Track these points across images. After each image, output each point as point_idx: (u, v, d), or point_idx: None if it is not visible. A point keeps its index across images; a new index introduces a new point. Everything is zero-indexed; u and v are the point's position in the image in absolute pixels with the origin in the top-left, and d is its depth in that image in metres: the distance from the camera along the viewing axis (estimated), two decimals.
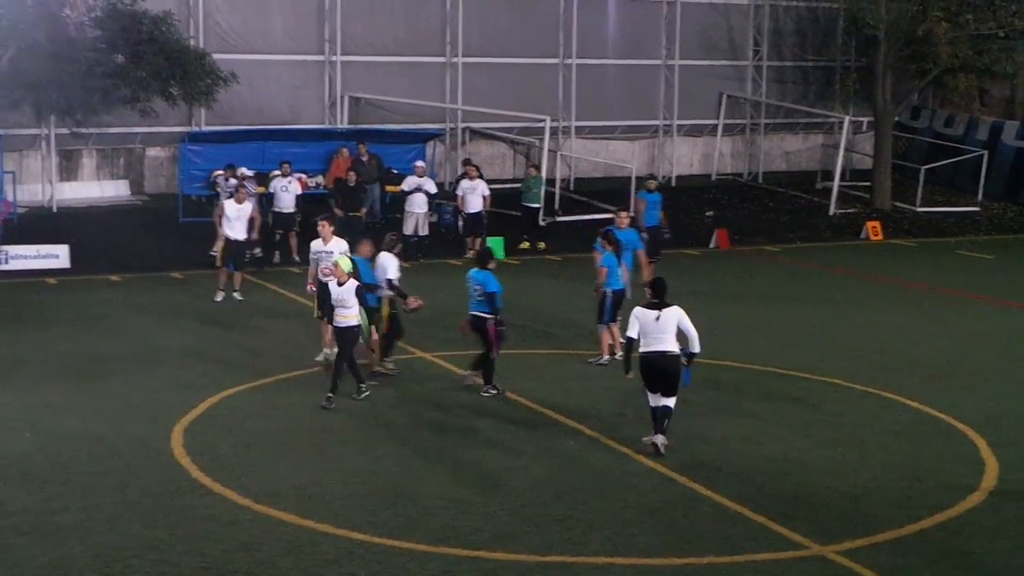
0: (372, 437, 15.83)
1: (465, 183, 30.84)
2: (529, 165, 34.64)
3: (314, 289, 19.52)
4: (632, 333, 15.15)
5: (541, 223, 32.89)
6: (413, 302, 19.00)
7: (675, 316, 15.05)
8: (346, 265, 17.42)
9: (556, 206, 35.36)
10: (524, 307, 23.08)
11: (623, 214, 22.19)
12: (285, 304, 24.32)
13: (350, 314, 17.24)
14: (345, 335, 17.36)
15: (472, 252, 30.04)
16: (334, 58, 36.01)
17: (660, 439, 15.10)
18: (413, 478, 14.28)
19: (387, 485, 14.02)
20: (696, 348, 15.14)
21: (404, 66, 37.11)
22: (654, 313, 15.05)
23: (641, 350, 15.15)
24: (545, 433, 16.21)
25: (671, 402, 15.19)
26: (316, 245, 19.98)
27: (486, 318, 18.05)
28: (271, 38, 35.48)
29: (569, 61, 39.05)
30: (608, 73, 39.99)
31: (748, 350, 20.95)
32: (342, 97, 36.10)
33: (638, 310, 15.23)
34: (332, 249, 19.40)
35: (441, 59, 37.48)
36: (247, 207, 24.76)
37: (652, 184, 28.72)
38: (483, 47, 37.90)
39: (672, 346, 15.08)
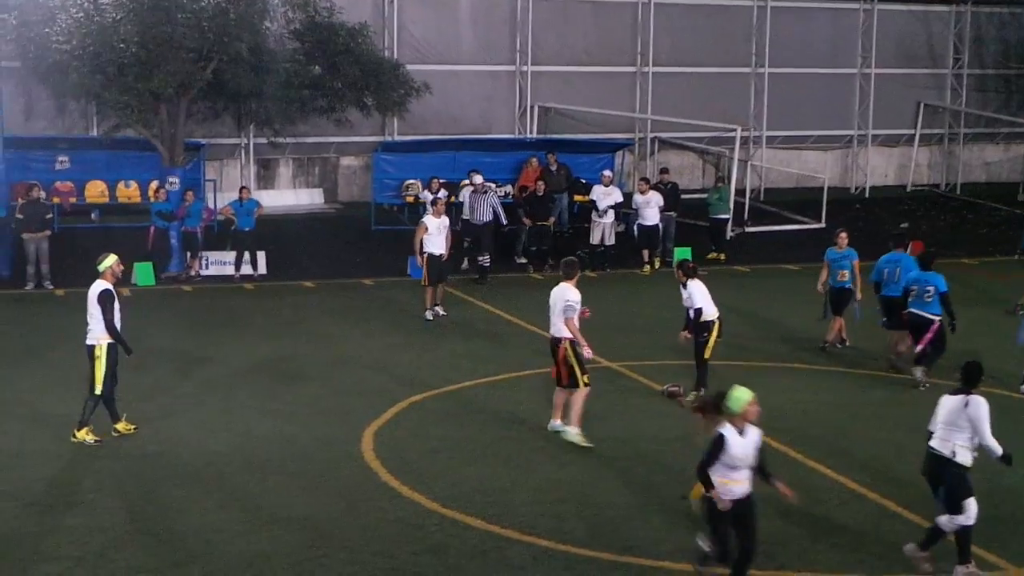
0: (559, 445, 15.83)
1: (638, 197, 30.47)
2: (717, 176, 34.34)
3: (590, 352, 16.15)
4: (931, 425, 12.33)
5: (730, 234, 32.54)
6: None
7: (967, 410, 12.03)
8: (743, 399, 11.02)
9: (745, 217, 34.96)
10: None
11: None
12: (479, 315, 24.53)
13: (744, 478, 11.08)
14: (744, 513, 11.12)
15: (648, 266, 29.82)
16: (525, 68, 36.27)
17: (960, 571, 11.91)
18: (599, 487, 14.26)
19: (573, 493, 14.03)
20: (994, 452, 12.05)
21: (594, 76, 37.16)
22: (949, 400, 12.27)
23: None
24: None
25: (942, 521, 12.03)
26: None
27: (933, 319, 18.48)
28: (463, 49, 35.90)
29: (761, 70, 38.63)
30: (801, 82, 39.37)
31: (941, 363, 20.37)
32: (532, 107, 36.33)
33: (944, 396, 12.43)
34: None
35: (631, 69, 37.45)
36: (446, 220, 24.51)
37: None
38: (674, 56, 37.72)
39: (947, 448, 12.01)
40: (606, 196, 29.73)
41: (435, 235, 23.91)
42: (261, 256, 28.50)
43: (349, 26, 29.40)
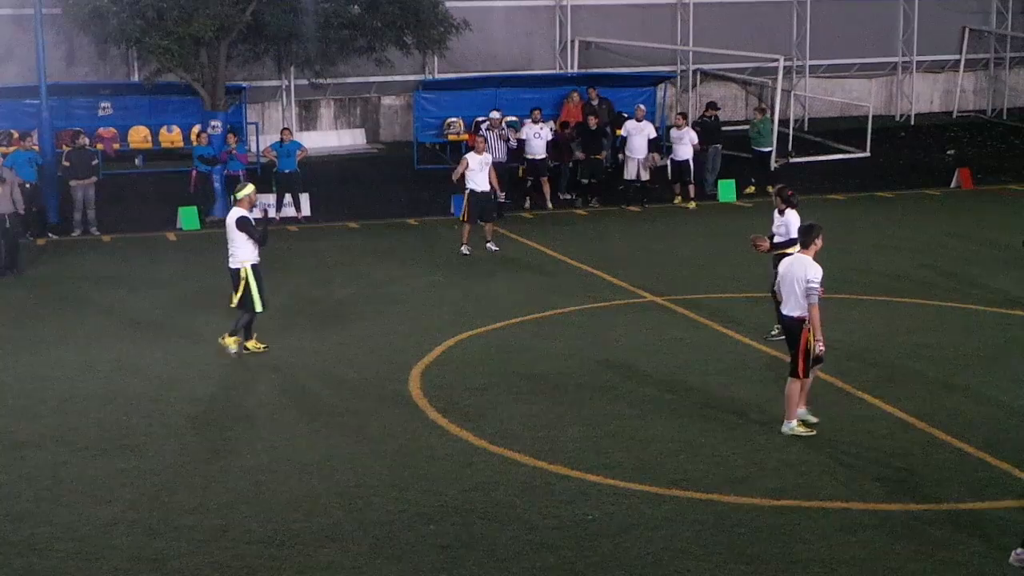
0: (606, 381, 15.88)
1: (673, 131, 30.10)
2: (756, 108, 33.95)
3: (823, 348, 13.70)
4: None
5: (774, 165, 32.27)
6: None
7: None
8: None
9: (790, 147, 34.70)
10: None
11: None
12: (524, 251, 24.51)
13: None
14: None
15: (678, 199, 29.51)
16: (564, 2, 36.02)
17: None
18: (647, 422, 14.29)
19: (621, 428, 14.07)
20: None
21: (634, 8, 36.89)
22: None
23: None
24: (779, 376, 15.98)
25: None
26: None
27: None
28: None
29: None
30: (844, 9, 38.88)
31: (997, 292, 20.24)
32: (572, 41, 36.11)
33: None
34: None
35: (671, 0, 37.11)
36: (487, 157, 24.45)
37: None
38: None
39: None
40: (638, 131, 29.28)
41: (477, 171, 23.94)
42: (304, 198, 28.57)
43: None
